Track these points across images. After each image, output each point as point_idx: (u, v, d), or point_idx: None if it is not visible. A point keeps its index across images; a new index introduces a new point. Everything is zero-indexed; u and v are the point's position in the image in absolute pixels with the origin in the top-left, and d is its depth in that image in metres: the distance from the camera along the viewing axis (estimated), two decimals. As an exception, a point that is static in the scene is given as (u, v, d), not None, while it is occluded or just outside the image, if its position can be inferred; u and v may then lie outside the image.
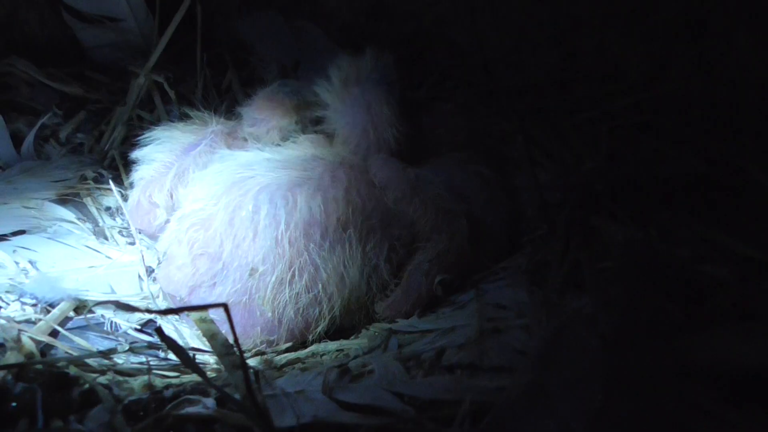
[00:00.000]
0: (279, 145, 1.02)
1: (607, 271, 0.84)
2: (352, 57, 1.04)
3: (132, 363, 0.71)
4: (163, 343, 0.73)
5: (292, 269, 0.84)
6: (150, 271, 0.95)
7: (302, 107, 1.06)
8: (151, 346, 0.75)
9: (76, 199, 1.07)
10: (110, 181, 1.03)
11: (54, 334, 0.74)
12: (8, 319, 0.72)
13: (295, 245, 0.85)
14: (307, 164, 0.92)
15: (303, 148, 0.99)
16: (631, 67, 1.30)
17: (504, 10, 1.39)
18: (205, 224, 0.87)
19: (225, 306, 0.52)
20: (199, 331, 0.73)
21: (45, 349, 0.70)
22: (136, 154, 1.03)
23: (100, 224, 1.04)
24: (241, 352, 0.54)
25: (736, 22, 1.20)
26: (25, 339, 0.66)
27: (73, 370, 0.63)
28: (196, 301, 0.85)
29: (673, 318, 0.71)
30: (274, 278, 0.84)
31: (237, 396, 0.58)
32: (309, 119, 1.06)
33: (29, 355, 0.65)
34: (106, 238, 1.02)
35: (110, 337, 0.78)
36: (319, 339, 0.89)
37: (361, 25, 1.50)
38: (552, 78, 1.36)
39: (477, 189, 1.02)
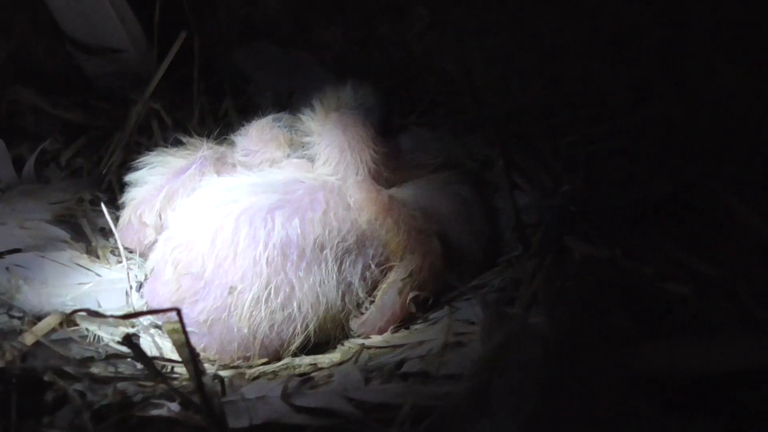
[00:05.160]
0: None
1: (567, 287, 0.87)
2: (335, 87, 1.10)
3: (108, 372, 0.74)
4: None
5: (269, 288, 0.88)
6: (138, 287, 0.99)
7: (295, 141, 1.10)
8: (128, 356, 0.79)
9: (72, 220, 1.12)
10: (102, 204, 1.08)
11: (39, 344, 0.79)
12: (-6, 329, 0.77)
13: (272, 265, 0.89)
14: (288, 187, 0.96)
15: (285, 171, 1.03)
16: (613, 94, 1.34)
17: (491, 40, 1.43)
18: (189, 245, 0.92)
19: (178, 310, 0.56)
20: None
21: (27, 356, 0.74)
22: (129, 177, 1.09)
23: (93, 244, 1.08)
24: (195, 355, 0.58)
25: (717, 50, 1.23)
26: (7, 347, 0.71)
27: (49, 377, 0.67)
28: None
29: (623, 330, 0.74)
30: (251, 296, 0.88)
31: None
32: (299, 148, 1.10)
33: (9, 362, 0.69)
34: (97, 257, 1.06)
35: (91, 348, 0.82)
36: (295, 355, 0.93)
37: (354, 54, 1.55)
38: (537, 104, 1.40)
39: (454, 210, 1.06)
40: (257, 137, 1.11)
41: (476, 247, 1.06)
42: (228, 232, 0.91)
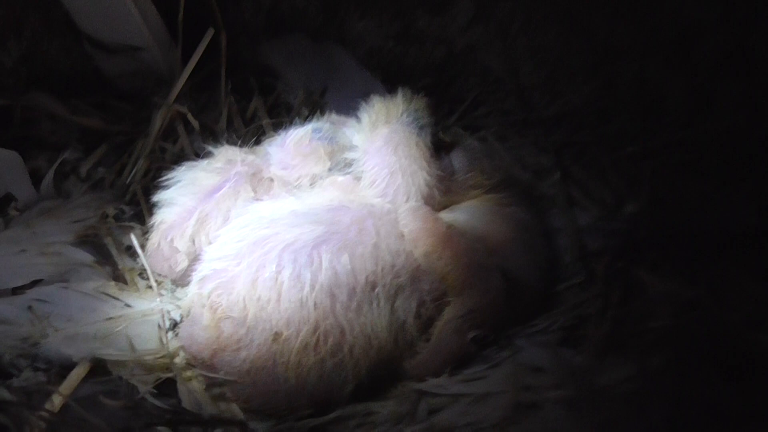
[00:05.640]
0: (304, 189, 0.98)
1: (651, 334, 0.79)
2: (384, 98, 1.00)
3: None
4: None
5: (317, 333, 0.80)
6: (173, 325, 0.91)
7: (336, 153, 1.01)
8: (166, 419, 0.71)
9: (96, 239, 1.03)
10: (132, 237, 1.00)
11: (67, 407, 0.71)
12: (18, 392, 0.69)
13: (320, 307, 0.81)
14: (333, 216, 0.88)
15: (329, 193, 0.94)
16: (673, 100, 1.24)
17: (539, 36, 1.33)
18: (228, 287, 0.83)
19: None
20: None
21: (54, 427, 0.67)
22: (156, 197, 1.00)
23: (120, 266, 1.00)
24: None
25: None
26: (32, 419, 0.63)
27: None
28: (219, 365, 0.82)
29: (728, 404, 0.66)
30: (298, 343, 0.80)
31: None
32: (342, 164, 1.01)
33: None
34: (125, 282, 0.98)
35: (125, 405, 0.75)
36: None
37: (390, 49, 1.45)
38: (589, 108, 1.30)
39: (514, 236, 0.97)
40: (295, 150, 1.02)
41: (538, 276, 0.97)
42: (270, 271, 0.82)
